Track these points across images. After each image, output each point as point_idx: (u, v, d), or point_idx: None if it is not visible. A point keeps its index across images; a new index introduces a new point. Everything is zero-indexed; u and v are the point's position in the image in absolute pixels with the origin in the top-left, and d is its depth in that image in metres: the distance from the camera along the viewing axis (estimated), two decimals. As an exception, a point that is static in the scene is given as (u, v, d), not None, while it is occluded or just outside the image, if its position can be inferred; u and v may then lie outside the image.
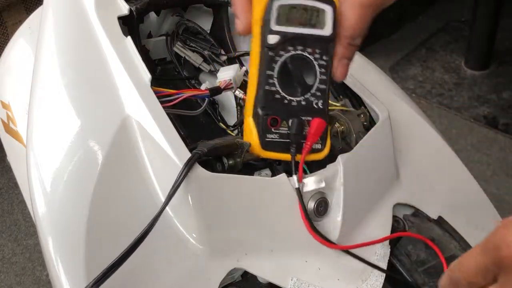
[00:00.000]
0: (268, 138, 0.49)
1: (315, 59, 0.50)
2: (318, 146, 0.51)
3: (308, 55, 0.50)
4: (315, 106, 0.51)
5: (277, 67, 0.49)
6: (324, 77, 0.51)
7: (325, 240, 0.50)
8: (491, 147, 1.73)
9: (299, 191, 0.49)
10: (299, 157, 0.50)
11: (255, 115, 0.50)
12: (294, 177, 0.49)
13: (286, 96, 0.50)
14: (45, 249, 0.49)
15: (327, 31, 0.51)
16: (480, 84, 2.00)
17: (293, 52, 0.50)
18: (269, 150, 0.49)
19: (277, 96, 0.50)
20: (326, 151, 0.51)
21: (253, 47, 0.50)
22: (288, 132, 0.50)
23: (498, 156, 1.70)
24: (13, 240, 1.54)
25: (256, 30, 0.49)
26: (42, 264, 1.46)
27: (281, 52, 0.49)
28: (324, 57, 0.51)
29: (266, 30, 0.49)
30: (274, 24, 0.49)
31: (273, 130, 0.49)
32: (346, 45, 0.50)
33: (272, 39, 0.49)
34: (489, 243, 0.36)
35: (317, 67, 0.51)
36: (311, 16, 0.50)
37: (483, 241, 0.37)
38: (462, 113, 1.87)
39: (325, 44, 0.51)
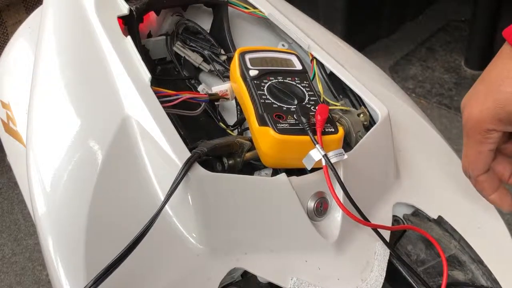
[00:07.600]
0: (279, 126, 0.50)
1: (297, 83, 0.56)
2: (331, 129, 0.52)
3: (290, 81, 0.55)
4: (312, 108, 0.53)
5: (265, 89, 0.54)
6: (312, 93, 0.55)
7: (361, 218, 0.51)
8: (491, 147, 1.73)
9: (326, 157, 0.49)
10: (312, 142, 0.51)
11: (261, 119, 0.51)
12: (318, 146, 0.49)
13: (283, 105, 0.53)
14: (45, 249, 0.49)
15: (298, 67, 0.58)
16: (480, 84, 2.00)
17: (275, 80, 0.55)
18: (284, 134, 0.50)
19: (275, 106, 0.52)
20: (341, 132, 0.52)
21: (241, 89, 0.55)
22: (296, 121, 0.51)
23: (498, 156, 1.69)
24: (13, 240, 1.54)
25: (239, 80, 0.55)
26: (42, 264, 1.46)
27: (265, 81, 0.55)
28: (305, 82, 0.56)
29: (246, 71, 0.55)
30: (250, 66, 0.56)
31: (281, 121, 0.51)
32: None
33: (252, 72, 0.55)
34: None
35: (302, 88, 0.55)
36: (280, 62, 0.58)
37: None
38: (462, 113, 1.87)
39: (301, 75, 0.57)
